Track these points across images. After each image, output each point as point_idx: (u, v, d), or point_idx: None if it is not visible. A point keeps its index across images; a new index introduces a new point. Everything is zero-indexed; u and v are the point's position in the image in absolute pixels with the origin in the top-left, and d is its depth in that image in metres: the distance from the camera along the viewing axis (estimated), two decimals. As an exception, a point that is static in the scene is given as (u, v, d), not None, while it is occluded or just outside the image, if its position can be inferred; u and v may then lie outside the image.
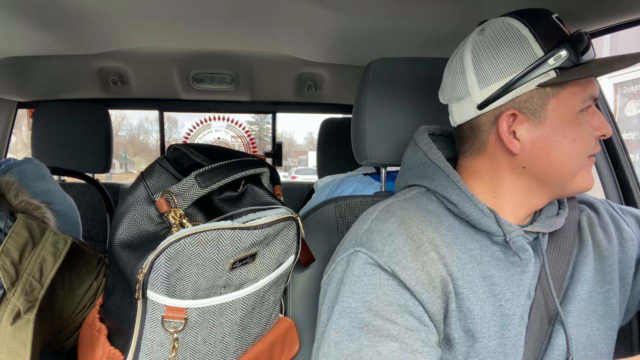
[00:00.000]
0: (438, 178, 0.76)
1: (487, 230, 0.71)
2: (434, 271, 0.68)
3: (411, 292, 0.66)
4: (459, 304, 0.68)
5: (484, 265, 0.70)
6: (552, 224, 0.75)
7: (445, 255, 0.69)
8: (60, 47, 1.35)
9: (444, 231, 0.72)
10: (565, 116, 0.69)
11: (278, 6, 1.08)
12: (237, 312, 0.78)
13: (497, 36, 0.71)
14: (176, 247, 0.68)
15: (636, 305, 0.80)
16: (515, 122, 0.70)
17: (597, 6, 0.95)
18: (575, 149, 0.69)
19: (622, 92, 8.60)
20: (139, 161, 23.96)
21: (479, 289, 0.69)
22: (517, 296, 0.69)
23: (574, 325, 0.72)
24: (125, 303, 0.75)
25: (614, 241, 0.79)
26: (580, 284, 0.74)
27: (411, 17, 1.10)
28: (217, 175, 0.76)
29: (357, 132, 1.03)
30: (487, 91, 0.71)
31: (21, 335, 0.71)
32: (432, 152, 0.79)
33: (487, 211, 0.72)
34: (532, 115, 0.69)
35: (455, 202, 0.73)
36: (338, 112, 2.19)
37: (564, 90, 0.69)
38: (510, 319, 0.68)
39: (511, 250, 0.71)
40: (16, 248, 0.75)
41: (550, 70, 0.68)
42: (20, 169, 1.16)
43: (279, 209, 0.81)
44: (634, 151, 7.90)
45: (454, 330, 0.68)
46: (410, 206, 0.76)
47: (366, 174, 1.33)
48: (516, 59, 0.69)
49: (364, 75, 1.03)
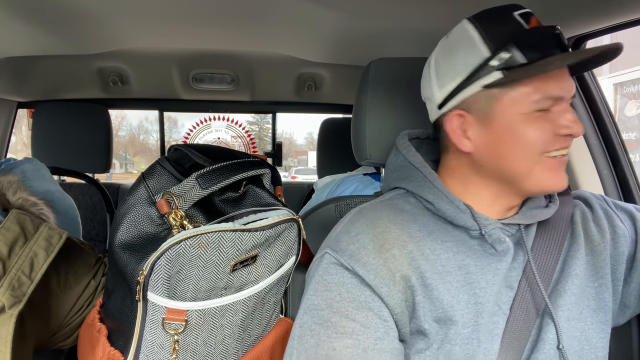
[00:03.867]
0: (416, 179, 0.80)
1: (463, 226, 0.74)
2: (395, 267, 0.70)
3: (371, 288, 0.69)
4: (428, 295, 0.70)
5: (459, 255, 0.72)
6: (533, 215, 0.76)
7: (412, 251, 0.71)
8: (60, 47, 1.35)
9: (415, 228, 0.74)
10: (515, 116, 0.69)
11: (278, 6, 1.08)
12: (238, 314, 0.78)
13: (452, 39, 0.75)
14: (177, 249, 0.68)
15: (635, 302, 0.80)
16: (465, 122, 0.73)
17: (595, 6, 0.95)
18: (524, 146, 0.69)
19: (622, 92, 8.61)
20: (139, 161, 23.96)
21: (453, 278, 0.70)
22: (492, 284, 0.71)
23: (566, 319, 0.72)
24: (126, 304, 0.75)
25: (607, 236, 0.79)
26: (572, 279, 0.74)
27: (411, 17, 1.10)
28: (218, 177, 0.76)
29: (357, 132, 1.03)
30: (444, 92, 0.75)
31: (2, 331, 0.70)
32: (410, 155, 0.82)
33: (463, 207, 0.74)
34: (481, 115, 0.71)
35: (431, 200, 0.76)
36: (338, 112, 2.19)
37: (512, 91, 0.69)
38: (484, 306, 0.70)
39: (488, 242, 0.73)
40: (5, 243, 0.74)
41: (495, 72, 0.69)
42: (21, 169, 1.16)
43: (280, 210, 0.81)
44: (634, 151, 7.91)
45: (424, 321, 0.69)
46: (384, 207, 0.79)
47: (366, 174, 1.34)
48: (464, 61, 0.71)
49: (364, 75, 1.03)
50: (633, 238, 0.80)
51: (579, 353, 0.72)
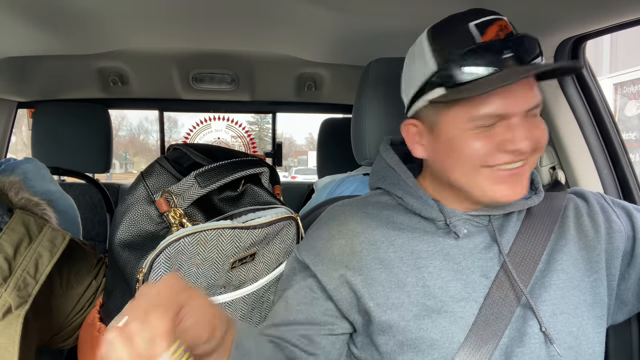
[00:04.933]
0: (390, 178, 0.84)
1: (430, 217, 0.78)
2: (339, 251, 0.77)
3: (309, 269, 0.78)
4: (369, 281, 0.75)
5: (414, 241, 0.77)
6: (503, 206, 0.76)
7: (363, 242, 0.77)
8: (60, 47, 1.35)
9: (376, 220, 0.80)
10: (455, 131, 0.70)
11: (278, 6, 1.08)
12: (237, 312, 0.79)
13: (414, 49, 0.77)
14: (176, 247, 0.68)
15: (632, 299, 0.80)
16: (418, 130, 0.77)
17: (595, 6, 0.95)
18: (460, 160, 0.71)
19: (622, 92, 8.61)
20: (139, 161, 23.98)
21: (403, 263, 0.75)
22: (439, 269, 0.74)
23: (551, 314, 0.72)
24: (126, 303, 0.75)
25: (602, 231, 0.79)
26: (557, 273, 0.75)
27: (411, 17, 1.10)
28: (217, 175, 0.76)
29: (357, 132, 1.03)
30: (406, 100, 0.79)
31: (10, 330, 0.71)
32: (389, 157, 0.86)
33: (431, 202, 0.78)
34: (430, 126, 0.75)
35: (401, 195, 0.81)
36: (338, 112, 2.19)
37: (453, 106, 0.69)
38: (430, 289, 0.73)
39: (452, 231, 0.76)
40: (10, 244, 0.75)
41: (437, 88, 0.69)
42: (21, 169, 1.17)
43: (279, 208, 0.81)
44: (634, 151, 7.91)
45: (369, 300, 0.74)
46: (353, 203, 0.85)
47: (366, 174, 1.33)
48: (416, 74, 0.74)
49: (364, 75, 1.03)
50: (630, 235, 0.80)
51: (576, 349, 0.72)
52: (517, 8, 0.74)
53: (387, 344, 0.73)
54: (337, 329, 0.78)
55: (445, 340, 0.71)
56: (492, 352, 0.70)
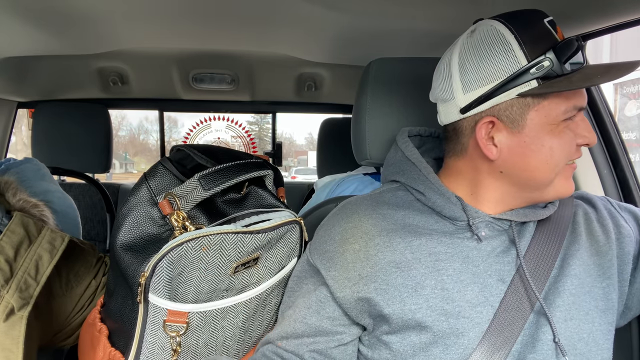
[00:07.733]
0: (410, 172, 0.81)
1: (451, 216, 0.75)
2: (352, 257, 0.75)
3: (320, 274, 0.77)
4: (384, 286, 0.73)
5: (432, 242, 0.74)
6: (526, 214, 0.76)
7: (378, 244, 0.74)
8: (60, 47, 1.35)
9: (391, 220, 0.77)
10: (545, 126, 0.70)
11: (278, 6, 1.07)
12: (239, 316, 0.78)
13: (483, 41, 0.72)
14: (179, 251, 0.68)
15: (636, 304, 0.80)
16: (494, 128, 0.72)
17: (595, 6, 0.95)
18: (552, 157, 0.70)
19: (622, 92, 8.61)
20: (139, 161, 23.96)
21: (421, 264, 0.73)
22: (459, 272, 0.72)
23: (563, 320, 0.72)
24: (127, 305, 0.75)
25: (612, 236, 0.79)
26: (570, 279, 0.74)
27: (411, 17, 1.10)
28: (221, 178, 0.76)
29: (357, 132, 1.03)
30: (470, 96, 0.72)
31: (14, 332, 0.72)
32: (408, 150, 0.83)
33: (454, 200, 0.75)
34: (511, 123, 0.71)
35: (422, 190, 0.78)
36: (338, 112, 2.19)
37: (545, 100, 0.69)
38: (449, 292, 0.71)
39: (472, 232, 0.74)
40: (11, 246, 0.75)
41: (532, 80, 0.69)
42: (20, 169, 1.16)
43: (283, 212, 0.81)
44: (634, 151, 7.90)
45: (385, 307, 0.72)
46: (366, 202, 0.81)
47: (366, 173, 1.33)
48: (499, 67, 0.70)
49: (364, 75, 1.03)
50: (637, 238, 0.80)
51: (587, 355, 0.72)
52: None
53: (399, 343, 0.72)
54: (346, 338, 0.77)
55: (459, 347, 0.70)
56: (504, 358, 0.69)
